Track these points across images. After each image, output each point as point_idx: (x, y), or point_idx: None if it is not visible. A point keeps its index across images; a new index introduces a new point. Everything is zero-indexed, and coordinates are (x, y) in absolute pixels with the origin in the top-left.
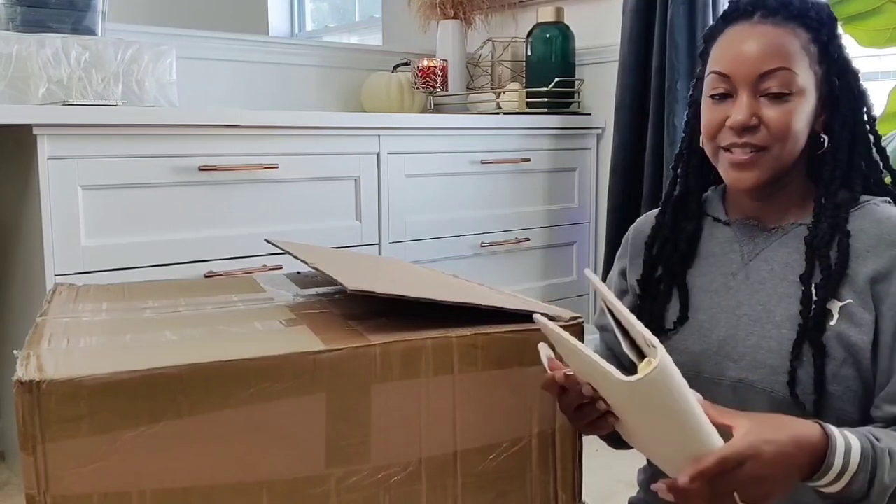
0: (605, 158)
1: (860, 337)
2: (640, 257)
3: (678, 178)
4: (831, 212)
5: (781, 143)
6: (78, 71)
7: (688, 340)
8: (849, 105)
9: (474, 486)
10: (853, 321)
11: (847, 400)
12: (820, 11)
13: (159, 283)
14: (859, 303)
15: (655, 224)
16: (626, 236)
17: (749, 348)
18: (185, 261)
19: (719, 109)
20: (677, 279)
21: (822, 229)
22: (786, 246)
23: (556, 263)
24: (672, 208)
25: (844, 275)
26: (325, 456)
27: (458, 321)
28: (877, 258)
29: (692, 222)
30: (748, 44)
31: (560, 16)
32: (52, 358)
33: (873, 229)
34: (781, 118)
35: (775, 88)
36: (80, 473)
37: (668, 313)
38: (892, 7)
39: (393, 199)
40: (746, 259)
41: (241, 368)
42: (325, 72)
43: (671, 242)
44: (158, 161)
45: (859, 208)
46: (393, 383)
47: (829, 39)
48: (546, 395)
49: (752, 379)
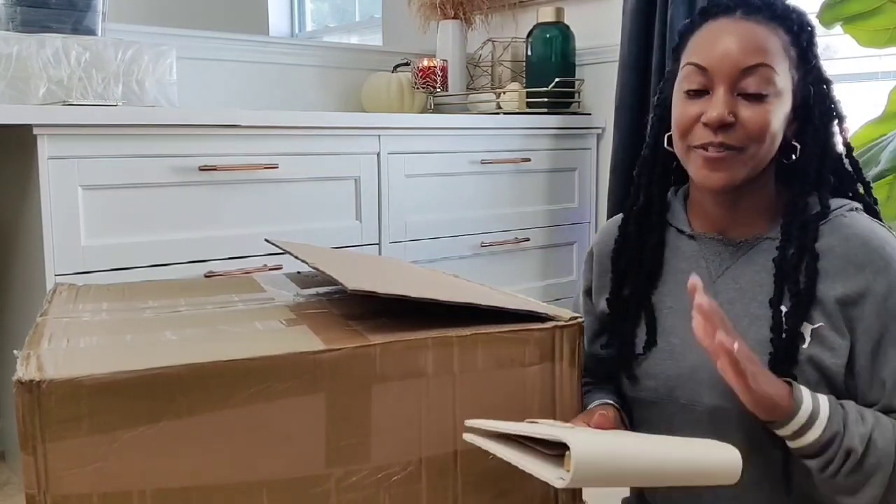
0: (605, 158)
1: (833, 360)
2: (607, 275)
3: (641, 186)
4: (798, 230)
5: (757, 143)
6: (78, 71)
7: (662, 364)
8: (821, 115)
9: (474, 485)
10: (825, 345)
11: None
12: (801, 16)
13: (159, 283)
14: (830, 326)
15: (619, 236)
16: (589, 251)
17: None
18: (185, 261)
19: (694, 105)
20: (643, 301)
21: (790, 250)
22: (753, 263)
23: (556, 263)
24: (635, 219)
25: (814, 298)
26: (325, 456)
27: (459, 321)
28: (845, 281)
29: (654, 235)
30: (730, 38)
31: (560, 16)
32: (52, 358)
33: (840, 248)
34: (759, 118)
35: (753, 87)
36: (79, 473)
37: (637, 338)
38: (892, 7)
39: (393, 199)
40: (714, 276)
41: (241, 368)
42: (325, 72)
43: (636, 259)
44: (158, 161)
45: (827, 222)
46: (393, 383)
47: (808, 45)
48: (546, 395)
49: (726, 406)
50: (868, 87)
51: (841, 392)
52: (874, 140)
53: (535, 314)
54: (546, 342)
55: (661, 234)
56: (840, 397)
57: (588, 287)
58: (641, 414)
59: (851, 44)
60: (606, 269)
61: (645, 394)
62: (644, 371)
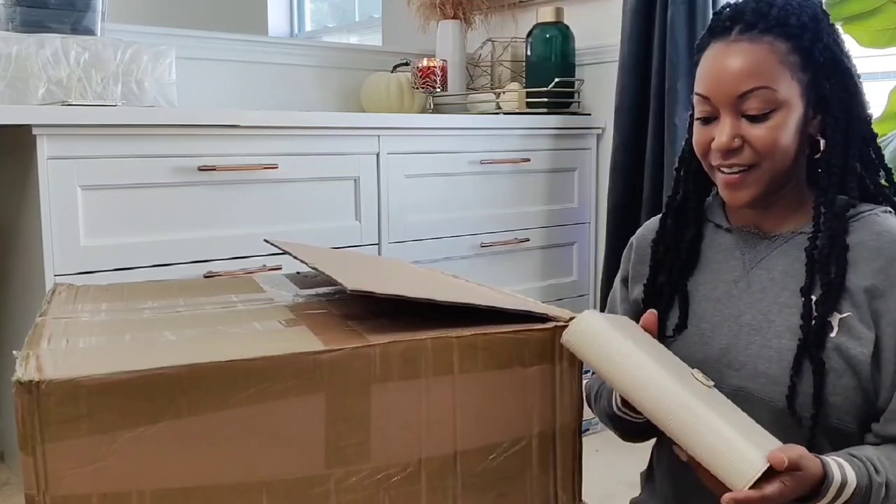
0: (605, 158)
1: (860, 350)
2: (644, 264)
3: (679, 182)
4: (830, 222)
5: (769, 159)
6: (77, 71)
7: (691, 348)
8: (840, 106)
9: (474, 486)
10: (852, 334)
11: (846, 410)
12: (801, 16)
13: (159, 283)
14: (858, 317)
15: (659, 229)
16: (630, 242)
17: (749, 357)
18: (185, 261)
19: (706, 131)
20: (678, 287)
21: (822, 241)
22: (786, 255)
23: (556, 263)
24: (674, 214)
25: (843, 288)
26: (325, 456)
27: (458, 321)
28: (875, 273)
29: (692, 228)
30: (724, 65)
31: (560, 16)
32: (51, 358)
33: (872, 242)
34: (765, 136)
35: (755, 109)
36: (79, 473)
37: (669, 321)
38: (892, 7)
39: (393, 199)
40: (748, 267)
41: (241, 368)
42: (325, 72)
43: (673, 250)
44: (158, 161)
45: (860, 219)
46: (393, 383)
47: (813, 43)
48: (546, 395)
49: (751, 388)
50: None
51: (866, 383)
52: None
53: (535, 314)
54: (546, 342)
55: (699, 228)
56: (865, 388)
57: (625, 276)
58: None
59: (851, 44)
60: (644, 259)
61: None
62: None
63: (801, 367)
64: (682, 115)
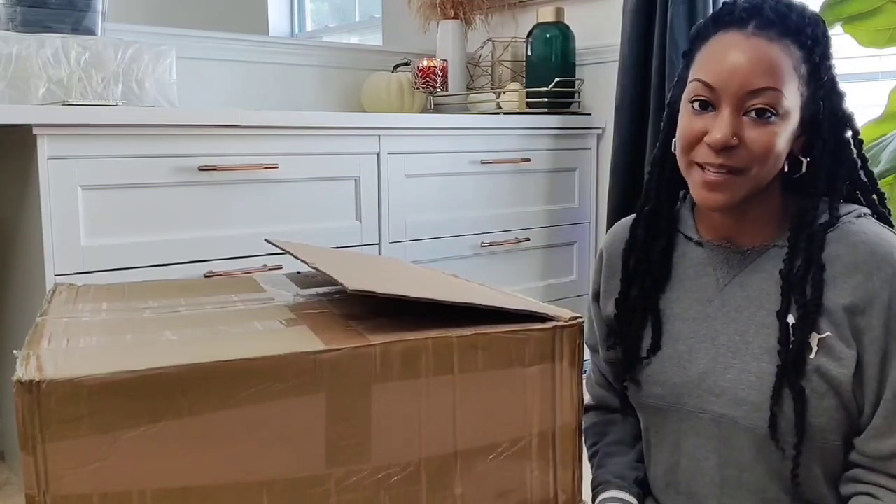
0: (605, 158)
1: (840, 371)
2: (616, 277)
3: (650, 188)
4: (806, 241)
5: (760, 165)
6: (78, 71)
7: (668, 372)
8: (831, 129)
9: (474, 485)
10: (832, 355)
11: (830, 429)
12: (815, 29)
13: (159, 283)
14: (838, 335)
15: (629, 237)
16: (600, 252)
17: (729, 383)
18: (185, 261)
19: (699, 121)
20: (651, 305)
21: (797, 261)
22: (760, 270)
23: (556, 263)
24: (644, 222)
25: (821, 309)
26: (325, 456)
27: (459, 321)
28: (853, 290)
29: (662, 240)
30: (739, 57)
31: (560, 16)
32: (51, 358)
33: (848, 256)
34: (764, 140)
35: (760, 109)
36: (79, 473)
37: (643, 341)
38: (892, 7)
39: (393, 199)
40: (721, 284)
41: (241, 368)
42: (325, 72)
43: (644, 262)
44: (158, 161)
45: (835, 229)
46: (393, 383)
47: (821, 60)
48: (546, 395)
49: (734, 415)
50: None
51: (848, 401)
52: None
53: (535, 314)
54: (546, 342)
55: (671, 238)
56: (847, 406)
57: (596, 291)
58: (649, 420)
59: (851, 44)
60: (615, 272)
61: (652, 400)
62: (650, 377)
63: (782, 395)
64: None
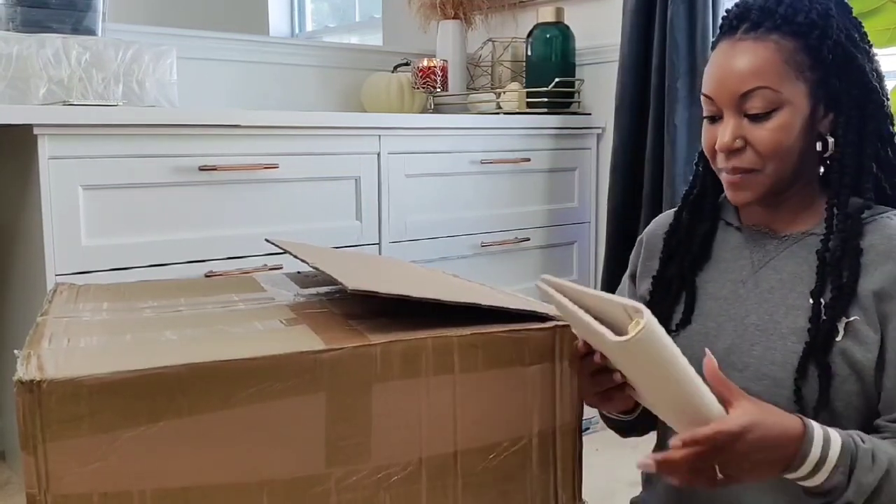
0: (605, 158)
1: (865, 355)
2: (654, 259)
3: (696, 176)
4: (842, 224)
5: (772, 161)
6: (78, 71)
7: (695, 346)
8: (852, 104)
9: (474, 485)
10: (858, 339)
11: (848, 416)
12: (810, 13)
13: (159, 283)
14: (865, 320)
15: (673, 222)
16: (640, 238)
17: (754, 359)
18: (184, 261)
19: (711, 132)
20: (687, 281)
21: (834, 244)
22: (795, 255)
23: (556, 263)
24: (689, 208)
25: (855, 293)
26: (325, 456)
27: (459, 321)
28: (883, 275)
29: (705, 224)
30: (727, 64)
31: (560, 16)
32: (52, 357)
33: (883, 245)
34: (767, 138)
35: (757, 108)
36: (80, 473)
37: (674, 315)
38: (892, 7)
39: (393, 199)
40: (756, 266)
41: (241, 368)
42: (325, 72)
43: (686, 243)
44: (158, 161)
45: (872, 221)
46: (393, 383)
47: (821, 41)
48: (546, 395)
49: (755, 389)
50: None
51: (869, 388)
52: None
53: (536, 314)
54: (546, 342)
55: (713, 226)
56: (867, 393)
57: (633, 272)
58: None
59: None
60: (654, 254)
61: None
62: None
63: (807, 372)
64: (681, 114)
